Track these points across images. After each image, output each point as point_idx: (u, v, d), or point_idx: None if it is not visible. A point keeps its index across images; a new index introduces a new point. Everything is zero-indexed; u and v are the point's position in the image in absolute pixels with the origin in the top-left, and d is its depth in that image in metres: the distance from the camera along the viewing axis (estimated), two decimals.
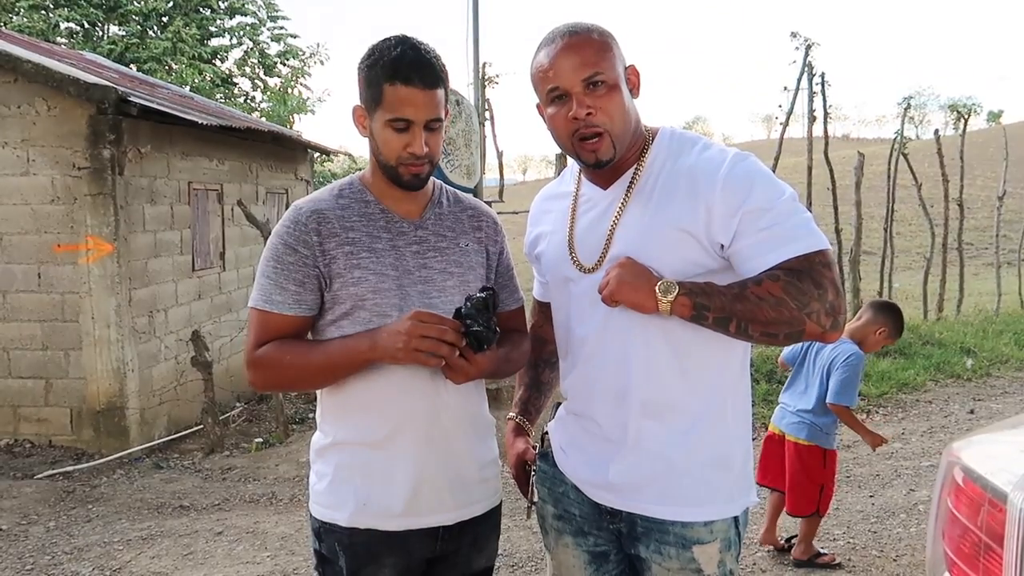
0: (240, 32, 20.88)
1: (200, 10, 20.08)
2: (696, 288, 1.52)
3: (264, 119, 16.65)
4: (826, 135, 9.53)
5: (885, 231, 10.39)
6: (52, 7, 18.80)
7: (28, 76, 5.87)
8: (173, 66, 18.74)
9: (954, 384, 7.61)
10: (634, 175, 1.66)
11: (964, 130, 11.47)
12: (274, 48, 21.59)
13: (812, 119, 9.31)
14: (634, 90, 1.67)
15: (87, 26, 19.71)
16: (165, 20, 19.54)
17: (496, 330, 1.61)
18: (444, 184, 1.87)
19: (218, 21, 20.47)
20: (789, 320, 1.50)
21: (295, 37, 21.88)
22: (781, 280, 1.50)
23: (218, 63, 20.67)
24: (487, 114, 9.94)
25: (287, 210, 1.73)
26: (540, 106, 1.69)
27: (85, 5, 18.68)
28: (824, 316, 1.50)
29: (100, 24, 19.70)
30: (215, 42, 20.64)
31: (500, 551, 3.13)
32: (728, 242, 1.56)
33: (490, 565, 1.87)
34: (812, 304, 1.49)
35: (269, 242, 1.71)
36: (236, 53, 21.07)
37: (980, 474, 1.95)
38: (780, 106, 9.24)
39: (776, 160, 8.63)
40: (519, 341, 1.85)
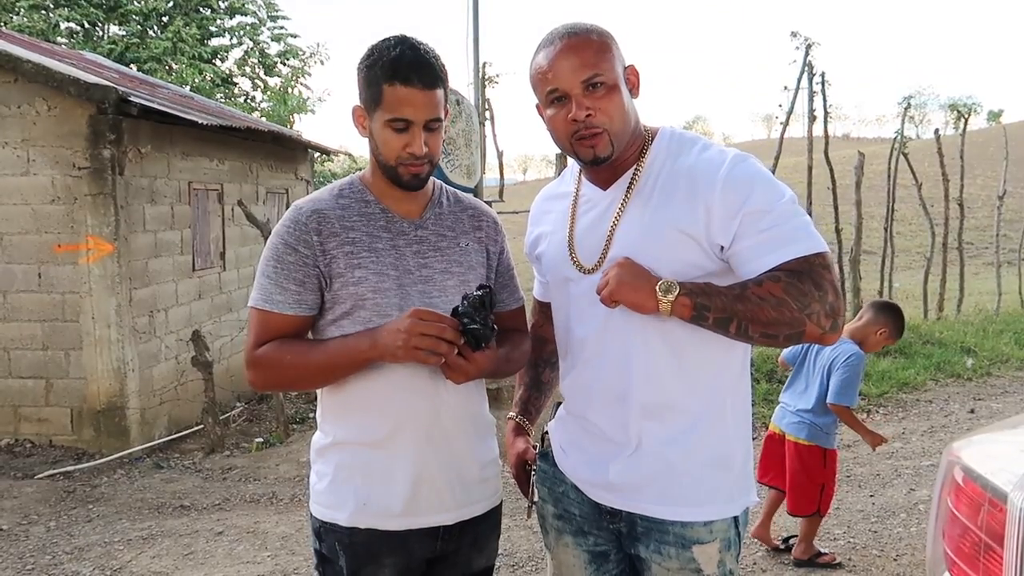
0: (240, 32, 20.89)
1: (200, 10, 20.07)
2: (696, 288, 1.51)
3: (264, 119, 16.64)
4: (826, 135, 9.53)
5: (885, 231, 10.39)
6: (52, 7, 18.79)
7: (28, 76, 5.87)
8: (173, 66, 18.74)
9: (954, 384, 7.60)
10: (634, 175, 1.66)
11: (964, 130, 11.47)
12: (274, 48, 21.61)
13: (812, 119, 9.31)
14: (633, 90, 1.67)
15: (87, 26, 19.71)
16: (165, 20, 19.54)
17: (494, 328, 1.60)
18: (444, 184, 1.87)
19: (218, 21, 20.47)
20: (790, 321, 1.49)
21: (295, 37, 21.90)
22: (782, 281, 1.49)
23: (218, 63, 20.67)
24: (487, 114, 9.94)
25: (287, 210, 1.73)
26: (540, 107, 1.69)
27: (85, 5, 18.67)
28: (824, 318, 1.50)
29: (100, 24, 19.69)
30: (215, 42, 20.64)
31: (500, 551, 3.13)
32: (728, 243, 1.56)
33: (490, 565, 1.87)
34: (813, 305, 1.49)
35: (269, 242, 1.71)
36: (236, 53, 21.11)
37: (980, 474, 1.95)
38: (780, 106, 9.25)
39: (776, 160, 8.62)
40: (519, 341, 1.85)
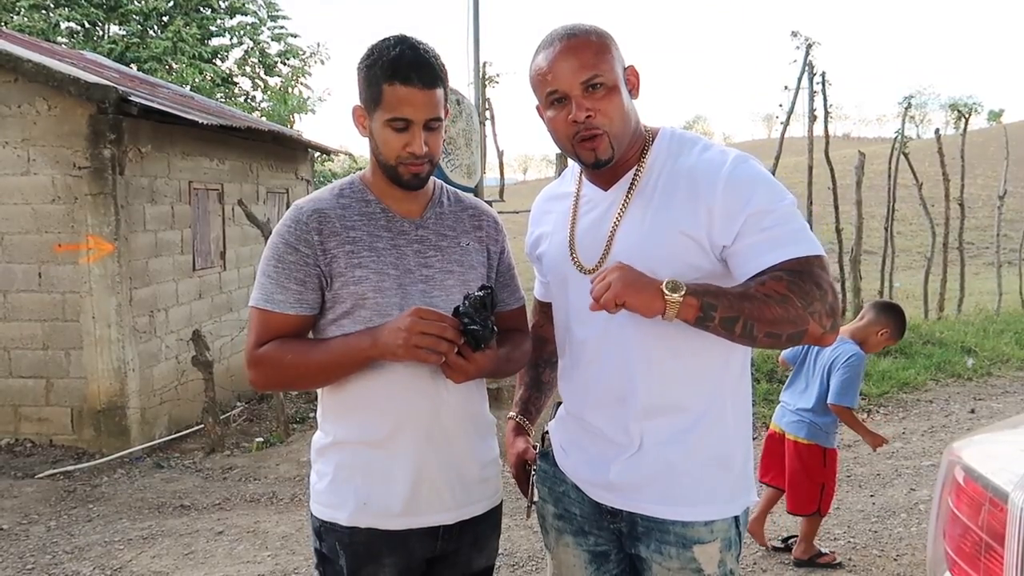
0: (240, 32, 20.88)
1: (200, 9, 20.07)
2: (700, 288, 1.48)
3: (264, 119, 16.64)
4: (827, 134, 9.53)
5: (886, 230, 10.39)
6: (52, 7, 18.79)
7: (29, 76, 5.87)
8: (173, 66, 18.73)
9: (955, 383, 7.60)
10: (635, 176, 1.66)
11: (965, 129, 11.47)
12: (274, 48, 21.59)
13: (813, 118, 9.31)
14: (633, 91, 1.67)
15: (87, 26, 19.70)
16: (165, 20, 19.53)
17: (494, 329, 1.60)
18: (445, 184, 1.87)
19: (218, 21, 20.46)
20: (795, 319, 1.47)
21: (295, 36, 21.89)
22: (785, 280, 1.48)
23: (218, 63, 20.66)
24: (487, 113, 9.95)
25: (288, 210, 1.74)
26: (540, 108, 1.69)
27: (85, 5, 18.67)
28: (825, 317, 1.49)
29: (100, 24, 19.69)
30: (215, 42, 20.63)
31: (500, 551, 3.13)
32: (730, 243, 1.55)
33: (490, 565, 1.87)
34: (815, 304, 1.48)
35: (270, 241, 1.71)
36: (236, 53, 21.09)
37: (981, 473, 1.95)
38: (781, 105, 9.25)
39: (777, 159, 8.63)
40: (520, 341, 1.84)
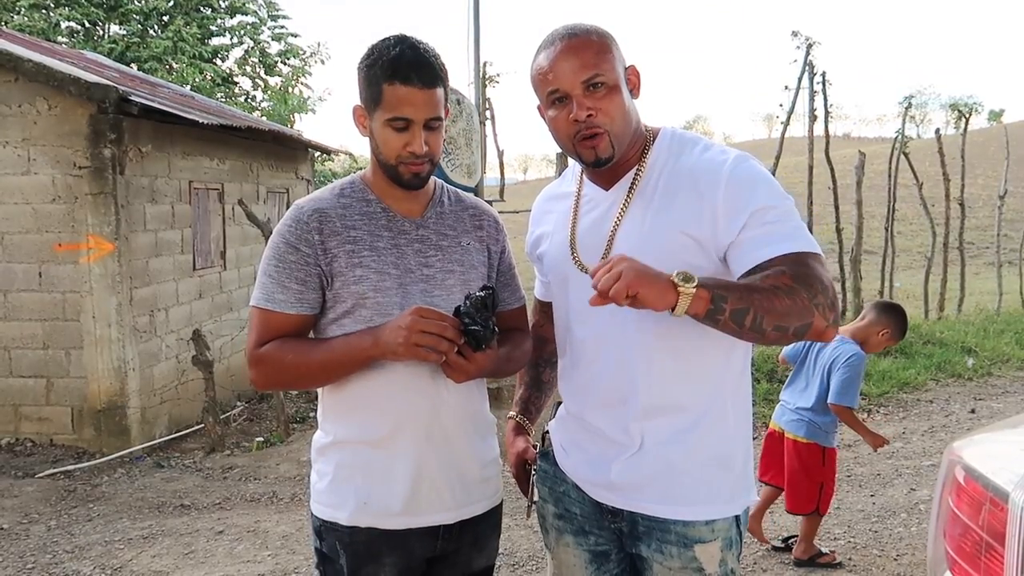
0: (241, 31, 20.87)
1: (201, 9, 20.06)
2: (709, 280, 1.43)
3: (265, 118, 16.63)
4: (827, 134, 9.53)
5: (886, 230, 10.39)
6: (53, 6, 18.78)
7: (29, 75, 5.87)
8: (174, 65, 18.73)
9: (955, 383, 7.60)
10: (635, 176, 1.66)
11: (965, 129, 11.46)
12: (275, 47, 21.59)
13: (813, 118, 9.31)
14: (634, 90, 1.67)
15: (88, 25, 19.70)
16: (166, 19, 19.52)
17: (495, 329, 1.60)
18: (445, 183, 1.87)
19: (219, 20, 20.46)
20: (801, 311, 1.45)
21: (296, 36, 21.89)
22: (788, 272, 1.47)
23: (219, 62, 20.66)
24: (488, 113, 9.96)
25: (289, 209, 1.74)
26: (541, 108, 1.69)
27: (86, 4, 18.65)
28: (828, 311, 1.48)
29: (101, 23, 19.69)
30: (216, 41, 20.63)
31: (501, 550, 3.13)
32: (734, 239, 1.55)
33: (491, 564, 1.87)
34: (818, 297, 1.46)
35: (271, 241, 1.72)
36: (237, 52, 21.09)
37: (981, 473, 1.95)
38: (781, 105, 9.26)
39: (777, 159, 8.63)
40: (520, 340, 1.84)
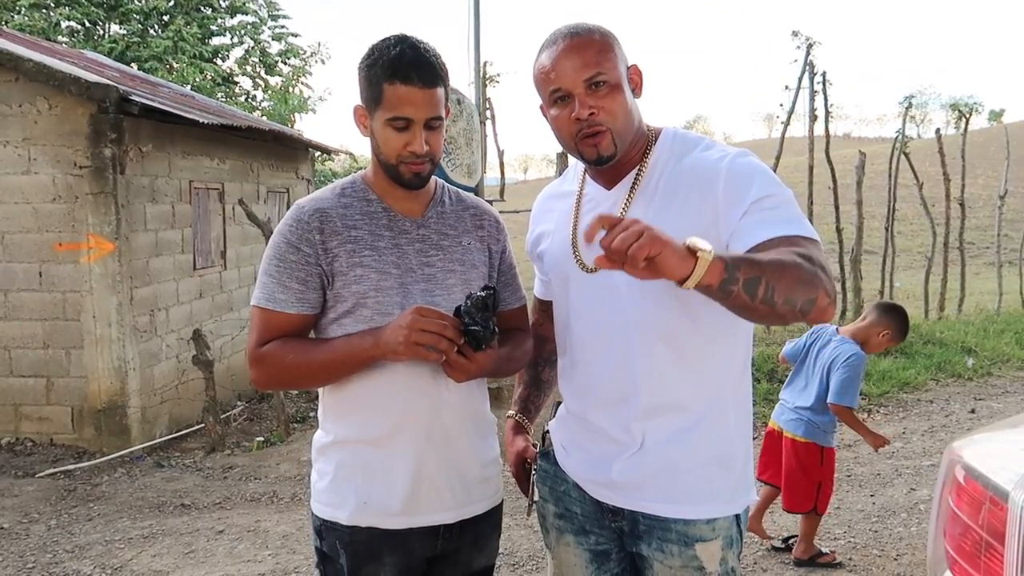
0: (241, 31, 20.87)
1: (201, 9, 20.06)
2: (721, 251, 1.36)
3: (265, 118, 16.62)
4: (827, 134, 9.53)
5: (886, 230, 10.38)
6: (53, 6, 18.77)
7: (29, 75, 5.87)
8: (174, 65, 18.73)
9: (955, 383, 7.60)
10: (637, 175, 1.66)
11: (965, 129, 11.45)
12: (275, 47, 21.58)
13: (813, 118, 9.31)
14: (636, 89, 1.67)
15: (88, 25, 19.70)
16: (166, 19, 19.52)
17: (495, 330, 1.61)
18: (446, 183, 1.87)
19: (219, 20, 20.46)
20: (808, 283, 1.39)
21: (296, 36, 21.89)
22: (790, 248, 1.43)
23: (219, 62, 20.66)
24: (488, 113, 9.96)
25: (290, 209, 1.74)
26: (543, 107, 1.69)
27: (86, 4, 18.65)
28: (829, 288, 1.43)
29: (101, 23, 19.69)
30: (216, 41, 20.63)
31: (501, 550, 3.13)
32: (734, 228, 1.52)
33: (491, 564, 1.87)
34: (819, 273, 1.42)
35: (272, 241, 1.72)
36: (237, 52, 21.08)
37: (981, 472, 1.95)
38: (781, 105, 9.26)
39: (777, 159, 8.62)
40: (521, 340, 1.85)
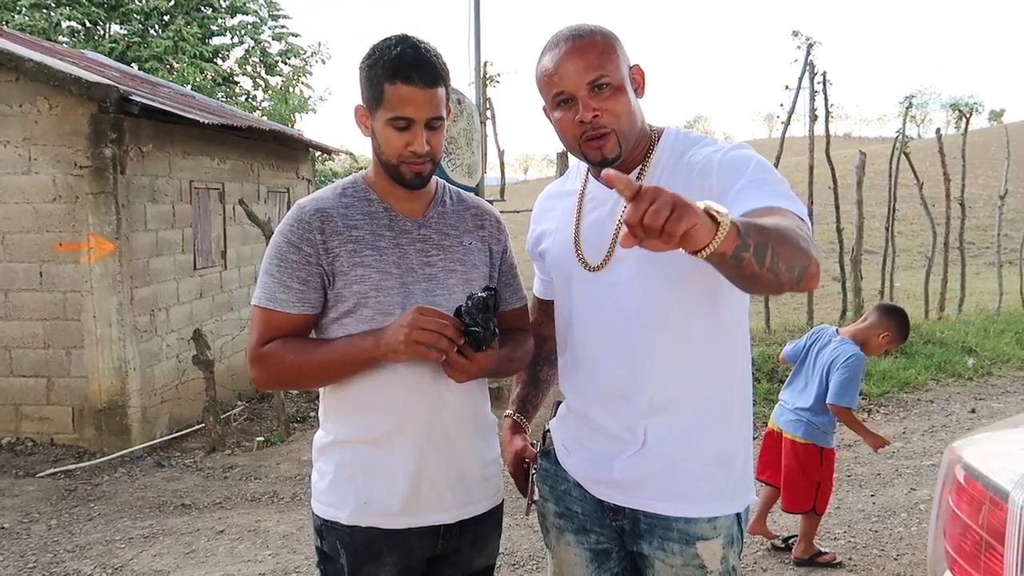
0: (241, 31, 20.88)
1: (201, 9, 20.07)
2: (732, 217, 1.26)
3: (265, 118, 16.62)
4: (827, 134, 9.52)
5: (886, 230, 10.37)
6: (53, 6, 18.78)
7: (30, 75, 5.87)
8: (174, 65, 18.73)
9: (955, 383, 7.60)
10: (639, 174, 1.66)
11: (966, 129, 11.44)
12: (275, 47, 21.58)
13: (813, 118, 9.30)
14: (639, 89, 1.67)
15: (88, 25, 19.70)
16: (166, 19, 19.53)
17: (495, 331, 1.61)
18: (447, 183, 1.87)
19: (219, 20, 20.46)
20: (804, 250, 1.34)
21: (296, 36, 21.89)
22: (781, 214, 1.39)
23: (219, 62, 20.66)
24: (488, 113, 9.95)
25: (291, 209, 1.74)
26: (546, 108, 1.69)
27: (86, 4, 18.65)
28: (816, 255, 1.39)
29: (101, 23, 19.69)
30: (216, 41, 20.63)
31: (501, 550, 3.13)
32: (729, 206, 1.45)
33: (491, 564, 1.87)
34: (810, 239, 1.39)
35: (273, 240, 1.72)
36: (237, 52, 21.09)
37: (981, 472, 1.95)
38: (781, 105, 9.25)
39: (778, 159, 8.62)
40: (522, 340, 1.85)
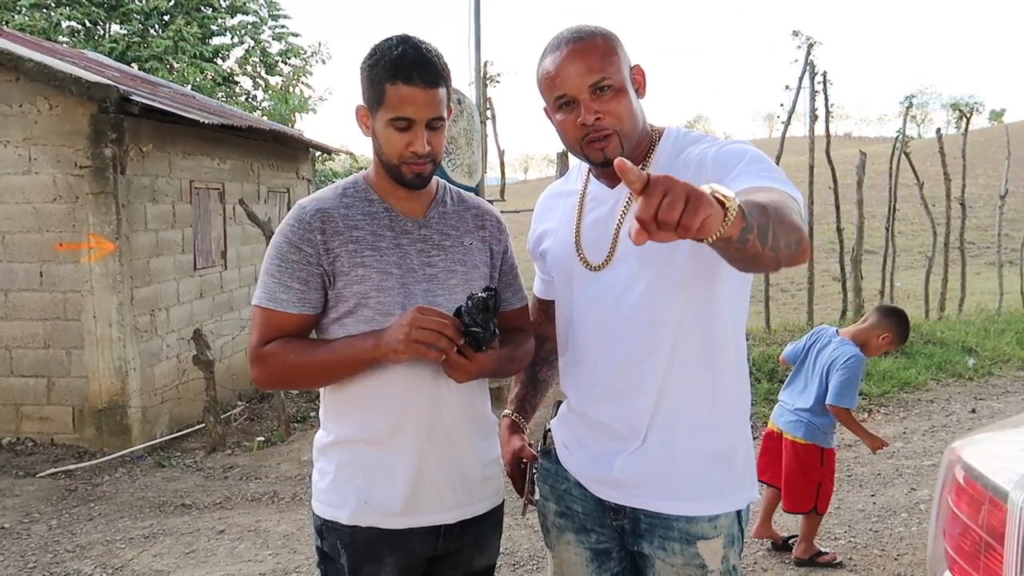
0: (241, 31, 20.87)
1: (201, 9, 20.06)
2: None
3: (266, 118, 16.62)
4: (828, 134, 9.52)
5: (887, 230, 10.37)
6: (54, 6, 18.77)
7: (30, 75, 5.87)
8: (174, 65, 18.74)
9: (956, 383, 7.60)
10: None
11: (966, 129, 11.43)
12: (275, 47, 21.57)
13: (814, 118, 9.30)
14: (640, 90, 1.67)
15: (88, 25, 19.70)
16: (166, 19, 19.52)
17: (495, 332, 1.61)
18: (448, 183, 1.87)
19: (219, 20, 20.45)
20: (798, 224, 1.33)
21: (297, 36, 21.87)
22: (771, 192, 1.37)
23: (219, 62, 20.66)
24: (488, 113, 9.95)
25: (291, 209, 1.74)
26: (548, 110, 1.69)
27: (87, 4, 18.64)
28: (806, 232, 1.37)
29: (102, 23, 19.69)
30: (216, 41, 20.62)
31: (502, 550, 3.13)
32: None
33: (492, 564, 1.87)
34: (801, 213, 1.38)
35: (273, 240, 1.72)
36: (237, 52, 21.07)
37: (981, 473, 1.96)
38: (782, 105, 9.25)
39: (778, 159, 8.62)
40: (522, 340, 1.85)
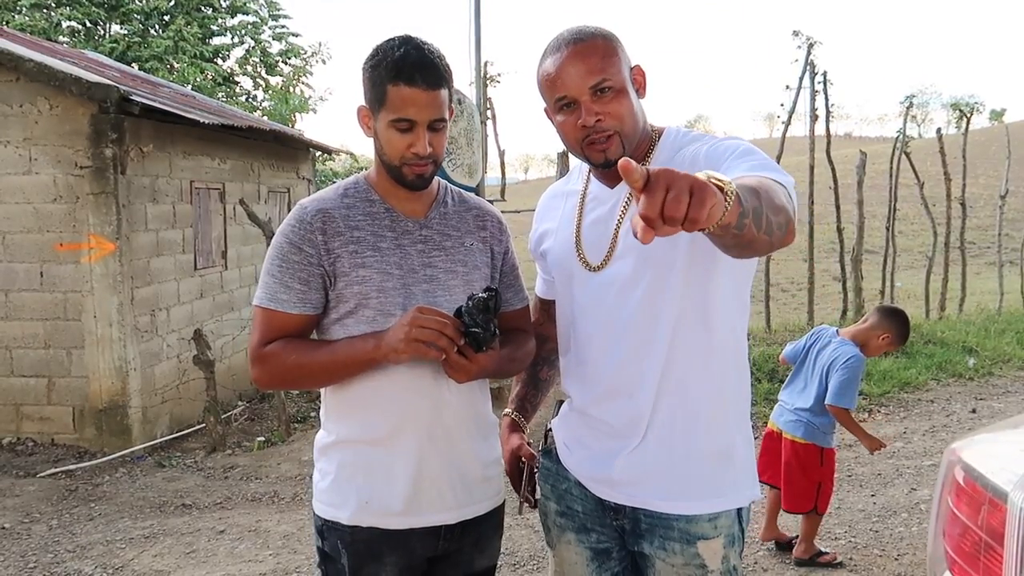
0: (242, 31, 20.89)
1: (202, 9, 20.07)
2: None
3: (266, 118, 16.62)
4: (828, 134, 9.51)
5: (887, 230, 10.37)
6: (54, 6, 18.79)
7: (30, 75, 5.88)
8: (175, 65, 18.75)
9: (956, 383, 7.59)
10: None
11: (966, 129, 11.43)
12: (276, 47, 21.60)
13: (814, 118, 9.29)
14: (640, 90, 1.67)
15: (89, 25, 19.71)
16: (167, 19, 19.54)
17: (495, 332, 1.61)
18: (449, 184, 1.87)
19: (220, 20, 20.47)
20: (786, 208, 1.33)
21: (297, 36, 21.92)
22: (757, 177, 1.36)
23: (220, 62, 20.68)
24: (489, 113, 9.95)
25: (292, 209, 1.74)
26: (548, 111, 1.69)
27: (87, 4, 18.66)
28: (792, 212, 1.36)
29: (102, 23, 19.70)
30: (217, 41, 20.64)
31: (502, 550, 3.13)
32: None
33: (492, 564, 1.87)
34: (788, 194, 1.37)
35: (274, 241, 1.72)
36: (238, 52, 21.11)
37: (981, 473, 1.96)
38: (782, 105, 9.24)
39: (778, 159, 8.62)
40: (523, 341, 1.85)
